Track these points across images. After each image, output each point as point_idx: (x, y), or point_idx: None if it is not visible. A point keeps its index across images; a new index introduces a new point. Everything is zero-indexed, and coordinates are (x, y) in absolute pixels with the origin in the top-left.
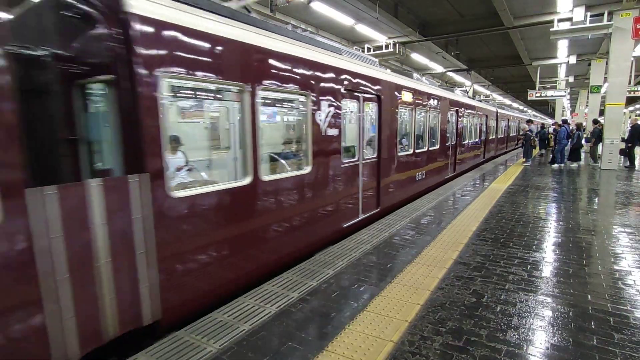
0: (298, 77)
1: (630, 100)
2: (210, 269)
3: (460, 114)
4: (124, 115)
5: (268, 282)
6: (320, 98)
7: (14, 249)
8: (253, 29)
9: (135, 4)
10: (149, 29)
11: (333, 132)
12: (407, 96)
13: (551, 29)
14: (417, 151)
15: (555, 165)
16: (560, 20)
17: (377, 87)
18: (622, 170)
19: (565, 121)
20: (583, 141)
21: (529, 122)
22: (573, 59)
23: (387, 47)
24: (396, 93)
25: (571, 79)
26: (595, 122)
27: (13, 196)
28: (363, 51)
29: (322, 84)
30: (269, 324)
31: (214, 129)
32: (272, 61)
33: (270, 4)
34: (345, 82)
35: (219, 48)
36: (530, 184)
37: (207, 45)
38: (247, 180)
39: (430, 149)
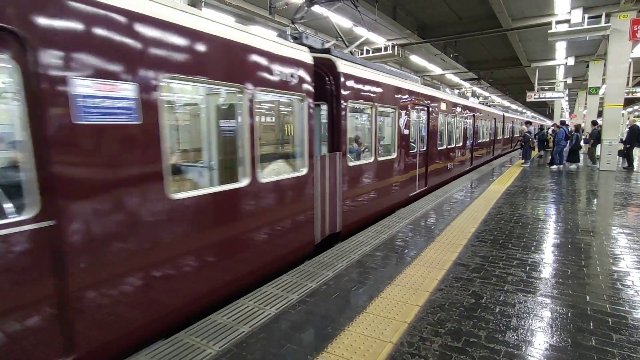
0: (392, 97)
1: (629, 102)
2: (360, 205)
3: (476, 118)
4: (331, 123)
5: (267, 284)
6: (400, 110)
7: (309, 182)
8: (378, 72)
9: (340, 66)
10: (345, 79)
11: (406, 131)
12: (442, 105)
13: (549, 31)
14: (448, 147)
15: (554, 167)
16: (558, 22)
17: (427, 100)
18: (620, 171)
19: (563, 122)
20: (582, 142)
21: (528, 123)
22: (571, 61)
23: (385, 49)
24: (436, 103)
25: (569, 81)
26: (594, 123)
27: (310, 159)
28: (362, 53)
29: (401, 101)
30: (268, 326)
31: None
32: (382, 90)
33: (269, 7)
34: (411, 98)
35: (367, 86)
36: (529, 185)
37: (364, 85)
38: (372, 159)
39: (456, 145)
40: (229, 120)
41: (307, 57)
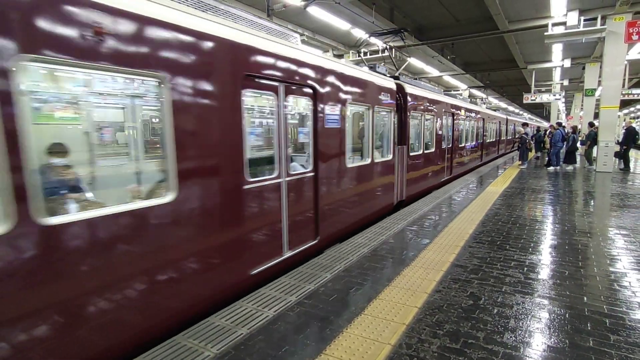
0: (433, 107)
1: (625, 103)
2: (415, 183)
3: (485, 121)
4: (399, 125)
5: (266, 286)
6: (437, 117)
7: (393, 164)
8: (424, 89)
9: (407, 87)
10: (409, 97)
11: (440, 132)
12: (462, 111)
13: (545, 33)
14: (465, 145)
15: (551, 168)
16: (554, 25)
17: (453, 108)
18: (617, 172)
19: (560, 124)
20: (578, 144)
21: (525, 125)
22: (567, 63)
23: (383, 51)
24: (457, 111)
25: (566, 82)
26: (591, 125)
27: (394, 149)
28: (359, 55)
29: (437, 110)
30: (266, 328)
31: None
32: (427, 103)
33: (267, 9)
34: (442, 107)
35: (420, 101)
36: (527, 187)
37: (418, 100)
38: (420, 152)
39: (471, 144)
40: (362, 125)
41: (393, 85)
